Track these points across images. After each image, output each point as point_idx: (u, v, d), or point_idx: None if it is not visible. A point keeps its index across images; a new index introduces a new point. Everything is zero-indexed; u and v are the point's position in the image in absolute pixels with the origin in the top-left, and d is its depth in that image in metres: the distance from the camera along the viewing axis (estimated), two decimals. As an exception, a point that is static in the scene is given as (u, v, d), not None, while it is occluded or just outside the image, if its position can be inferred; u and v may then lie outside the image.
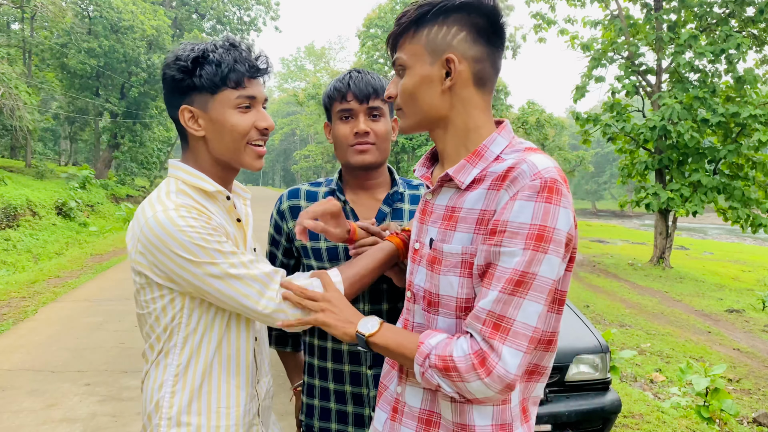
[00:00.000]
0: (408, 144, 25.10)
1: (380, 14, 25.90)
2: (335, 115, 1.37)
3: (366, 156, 1.33)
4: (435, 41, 0.96)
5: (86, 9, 22.34)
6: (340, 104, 1.34)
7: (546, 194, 0.86)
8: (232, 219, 1.18)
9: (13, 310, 5.99)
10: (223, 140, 1.10)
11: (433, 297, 0.99)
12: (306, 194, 1.43)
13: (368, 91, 1.32)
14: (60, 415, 3.50)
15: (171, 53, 1.12)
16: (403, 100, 1.01)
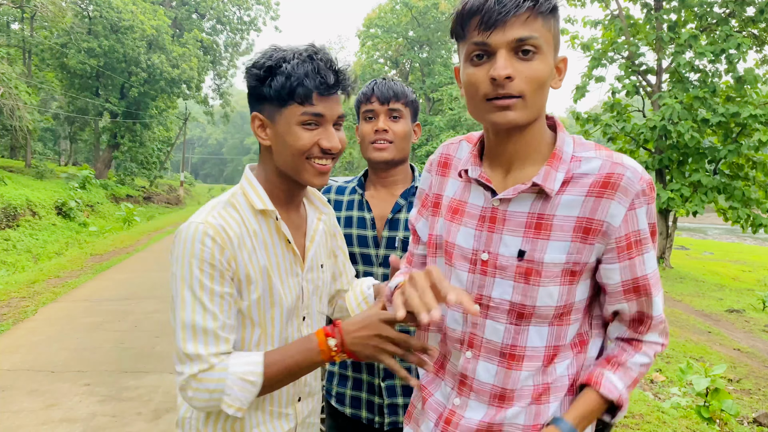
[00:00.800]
0: (408, 144, 25.16)
1: (380, 14, 25.91)
2: (361, 116, 1.54)
3: (384, 153, 1.48)
4: (557, 36, 0.92)
5: (86, 9, 22.34)
6: (365, 105, 1.52)
7: (651, 194, 0.91)
8: (279, 240, 1.13)
9: (13, 310, 5.99)
10: (284, 154, 1.08)
11: (527, 309, 0.94)
12: (337, 189, 1.63)
13: (389, 95, 1.48)
14: (60, 415, 3.50)
15: (255, 55, 1.10)
16: (531, 88, 0.88)
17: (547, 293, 0.93)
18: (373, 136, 1.49)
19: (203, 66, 28.21)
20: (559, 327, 0.95)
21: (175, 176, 45.33)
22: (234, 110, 35.98)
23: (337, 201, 1.60)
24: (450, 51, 28.31)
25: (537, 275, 0.92)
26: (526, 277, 0.93)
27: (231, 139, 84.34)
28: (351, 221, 1.54)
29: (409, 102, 1.52)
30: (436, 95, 25.07)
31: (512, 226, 0.95)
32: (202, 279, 1.02)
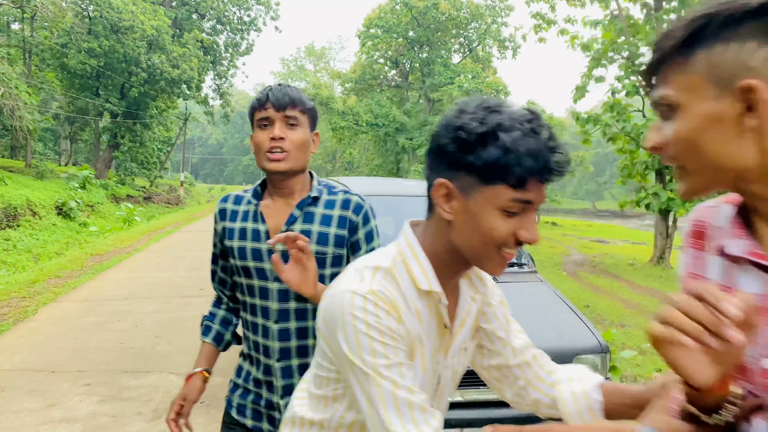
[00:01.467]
0: (408, 144, 25.11)
1: (380, 14, 25.92)
2: (255, 124, 1.45)
3: (280, 164, 1.41)
4: (721, 66, 0.68)
5: (86, 9, 22.35)
6: (260, 112, 1.43)
7: None
8: (438, 323, 0.96)
9: (13, 310, 5.99)
10: (470, 237, 0.89)
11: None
12: (234, 198, 1.56)
13: (286, 101, 1.41)
14: (60, 415, 3.50)
15: (457, 109, 0.89)
16: (679, 152, 0.72)
17: None
18: (268, 145, 1.41)
19: (203, 66, 28.22)
20: None
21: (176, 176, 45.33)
22: (234, 110, 35.99)
23: (233, 211, 1.51)
24: (450, 51, 28.31)
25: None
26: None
27: (231, 139, 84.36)
28: (245, 233, 1.46)
29: (307, 109, 1.45)
30: (436, 95, 25.08)
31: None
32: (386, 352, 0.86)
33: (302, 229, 1.43)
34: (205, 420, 3.47)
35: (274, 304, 1.43)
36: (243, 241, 1.46)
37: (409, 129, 25.34)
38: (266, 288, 1.44)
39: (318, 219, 1.45)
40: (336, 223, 1.46)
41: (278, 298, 1.42)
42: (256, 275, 1.45)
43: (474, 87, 24.36)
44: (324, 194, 1.50)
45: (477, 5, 26.36)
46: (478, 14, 26.46)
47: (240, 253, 1.45)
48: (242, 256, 1.45)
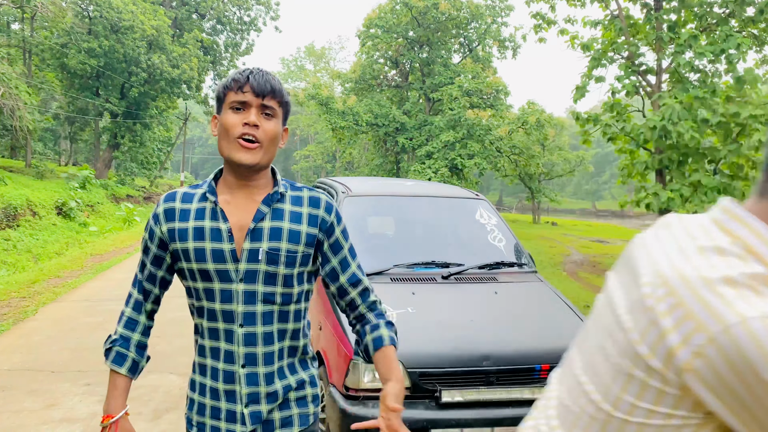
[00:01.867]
0: (408, 144, 25.11)
1: (380, 14, 25.91)
2: (227, 105, 1.32)
3: (252, 155, 1.30)
4: None
5: (86, 9, 22.35)
6: (235, 94, 1.30)
7: None
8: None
9: (13, 310, 5.99)
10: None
11: None
12: (182, 196, 1.39)
13: (266, 88, 1.29)
14: (60, 415, 3.50)
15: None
16: None
17: None
18: (240, 130, 1.28)
19: (203, 66, 28.22)
20: None
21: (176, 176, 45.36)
22: (234, 110, 35.94)
23: (183, 210, 1.36)
24: (450, 51, 28.31)
25: None
26: None
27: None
28: (202, 233, 1.32)
29: (284, 102, 1.34)
30: (436, 95, 25.08)
31: None
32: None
33: (272, 226, 1.34)
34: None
35: (239, 306, 1.33)
36: (200, 242, 1.33)
37: (409, 129, 25.34)
38: (229, 291, 1.32)
39: (287, 216, 1.37)
40: (306, 221, 1.38)
41: (244, 301, 1.33)
42: (218, 278, 1.32)
43: (474, 87, 24.36)
44: (288, 190, 1.41)
45: (477, 5, 26.36)
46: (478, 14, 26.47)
47: (198, 255, 1.32)
48: (200, 258, 1.32)
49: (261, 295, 1.33)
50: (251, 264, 1.32)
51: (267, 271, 1.33)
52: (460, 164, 22.18)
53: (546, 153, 27.83)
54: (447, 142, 22.69)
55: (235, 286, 1.32)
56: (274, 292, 1.34)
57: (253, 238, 1.33)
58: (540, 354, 2.76)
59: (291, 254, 1.34)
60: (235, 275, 1.32)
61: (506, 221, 4.06)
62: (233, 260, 1.32)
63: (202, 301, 1.36)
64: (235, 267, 1.32)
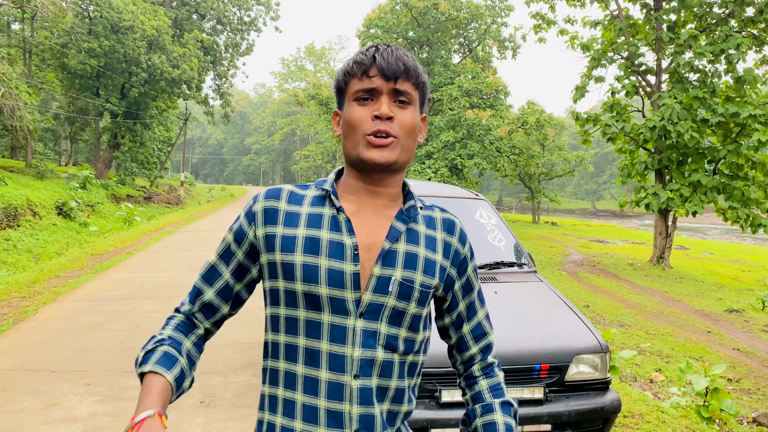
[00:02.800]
0: (408, 144, 25.09)
1: (380, 14, 25.91)
2: (350, 97, 1.05)
3: (385, 152, 1.01)
4: None
5: (86, 9, 22.35)
6: (360, 81, 1.03)
7: None
8: None
9: (14, 310, 6.00)
10: None
11: None
12: (289, 195, 1.10)
13: (398, 68, 1.02)
14: (60, 415, 3.50)
15: None
16: None
17: None
18: (371, 125, 1.01)
19: (203, 66, 28.22)
20: None
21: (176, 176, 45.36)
22: (234, 110, 35.98)
23: (291, 214, 1.06)
24: (449, 51, 28.30)
25: None
26: None
27: (231, 139, 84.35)
28: (317, 246, 1.02)
29: (420, 83, 1.06)
30: (436, 95, 25.06)
31: None
32: None
33: (408, 250, 1.05)
34: (204, 420, 3.48)
35: (355, 350, 1.00)
36: (313, 257, 1.01)
37: (409, 129, 25.30)
38: (343, 327, 1.00)
39: (423, 240, 1.08)
40: (441, 250, 1.10)
41: (362, 343, 1.00)
42: (330, 307, 1.00)
43: (474, 87, 24.35)
44: (419, 203, 1.13)
45: (477, 5, 26.36)
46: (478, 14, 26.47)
47: (307, 274, 1.01)
48: (310, 278, 1.01)
49: (383, 337, 1.02)
50: (378, 296, 1.02)
51: (395, 307, 1.03)
52: (459, 164, 22.18)
53: (546, 153, 27.83)
54: (447, 142, 22.69)
55: (351, 321, 1.01)
56: (397, 336, 1.04)
57: (386, 262, 1.03)
58: (539, 354, 2.76)
59: (425, 289, 1.06)
60: (354, 308, 1.01)
61: (506, 221, 4.06)
62: (354, 287, 1.01)
63: (297, 337, 1.02)
64: (354, 296, 1.01)
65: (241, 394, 3.88)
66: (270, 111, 69.89)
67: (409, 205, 1.09)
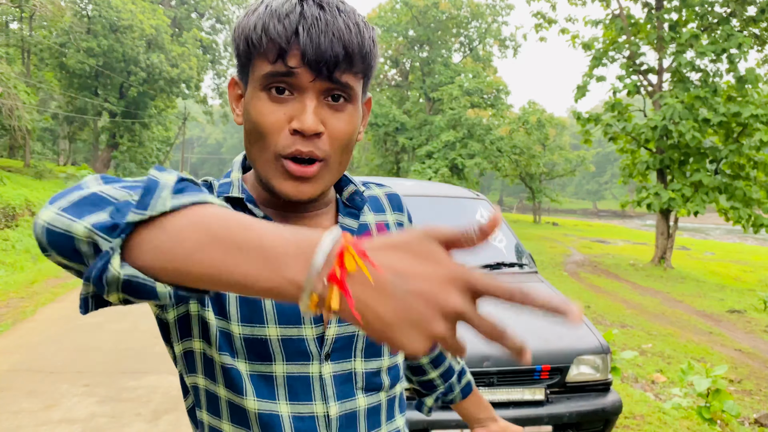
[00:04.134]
0: (408, 144, 25.09)
1: (380, 13, 25.89)
2: (257, 80, 0.69)
3: (306, 186, 0.70)
4: None
5: (85, 8, 22.35)
6: (272, 65, 0.66)
7: None
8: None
9: (12, 311, 5.98)
10: None
11: None
12: None
13: (334, 54, 0.65)
14: (59, 416, 3.48)
15: None
16: None
17: None
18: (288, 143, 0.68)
19: (202, 65, 28.22)
20: None
21: (175, 176, 45.30)
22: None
23: None
24: (450, 50, 28.26)
25: None
26: None
27: (230, 138, 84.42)
28: None
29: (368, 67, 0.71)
30: (437, 95, 25.04)
31: None
32: None
33: None
34: (204, 421, 3.45)
35: (330, 406, 0.74)
36: None
37: (409, 129, 25.29)
38: (306, 377, 0.73)
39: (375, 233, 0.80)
40: None
41: (336, 394, 0.74)
42: (283, 354, 0.72)
43: (474, 86, 24.32)
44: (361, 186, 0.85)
45: (477, 4, 26.34)
46: (479, 13, 26.44)
47: (245, 310, 0.71)
48: (250, 315, 0.72)
49: (362, 378, 0.77)
50: (343, 325, 0.75)
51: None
52: (460, 164, 22.17)
53: (547, 153, 27.82)
54: (447, 142, 22.68)
55: (315, 368, 0.73)
56: (379, 369, 0.79)
57: None
58: (540, 355, 2.74)
59: None
60: (317, 348, 0.74)
61: (507, 221, 4.04)
62: (314, 320, 0.74)
63: (243, 399, 0.72)
64: (316, 333, 0.74)
65: (241, 395, 3.86)
66: (270, 110, 69.80)
67: (350, 192, 0.80)
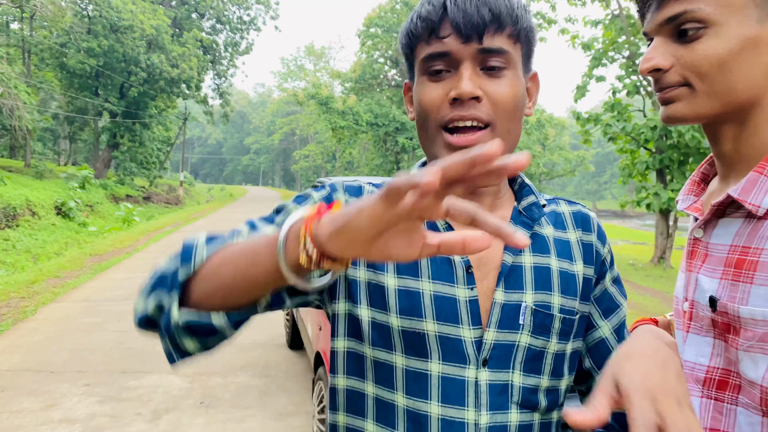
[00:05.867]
0: (408, 144, 25.10)
1: (380, 14, 25.90)
2: (420, 68, 0.73)
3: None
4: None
5: (85, 8, 22.34)
6: (428, 45, 0.71)
7: None
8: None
9: (13, 311, 5.97)
10: None
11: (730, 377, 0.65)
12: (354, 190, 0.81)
13: (482, 18, 0.68)
14: (59, 416, 3.48)
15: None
16: (698, 72, 0.65)
17: (751, 361, 0.62)
18: (445, 113, 0.71)
19: (203, 65, 28.21)
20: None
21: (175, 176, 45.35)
22: (233, 110, 35.97)
23: None
24: (450, 51, 28.29)
25: (735, 333, 0.64)
26: (724, 334, 0.65)
27: (230, 138, 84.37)
28: (415, 263, 0.73)
29: (523, 30, 0.72)
30: (436, 95, 25.08)
31: (710, 264, 0.68)
32: None
33: (536, 263, 0.76)
34: (204, 420, 3.46)
35: (481, 415, 0.70)
36: (413, 279, 0.72)
37: (409, 129, 25.32)
38: (461, 381, 0.70)
39: (553, 246, 0.78)
40: (581, 255, 0.80)
41: (490, 403, 0.70)
42: (440, 352, 0.70)
43: (474, 87, 24.34)
44: (542, 199, 0.82)
45: (477, 5, 26.41)
46: (478, 14, 26.49)
47: (405, 303, 0.71)
48: (410, 309, 0.71)
49: (518, 392, 0.72)
50: (506, 332, 0.71)
51: (531, 346, 0.73)
52: (460, 164, 22.21)
53: (547, 153, 27.82)
54: (447, 142, 22.71)
55: (472, 372, 0.70)
56: (537, 387, 0.73)
57: (510, 283, 0.73)
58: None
59: (568, 315, 0.75)
60: (475, 352, 0.70)
61: (508, 221, 4.03)
62: (472, 321, 0.70)
63: (394, 394, 0.71)
64: (474, 335, 0.70)
65: (241, 395, 3.87)
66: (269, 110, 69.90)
67: (528, 202, 0.78)
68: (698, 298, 0.69)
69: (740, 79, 0.64)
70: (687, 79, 0.66)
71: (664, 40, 0.67)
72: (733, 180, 0.70)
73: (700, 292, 0.69)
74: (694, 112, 0.67)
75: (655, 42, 0.68)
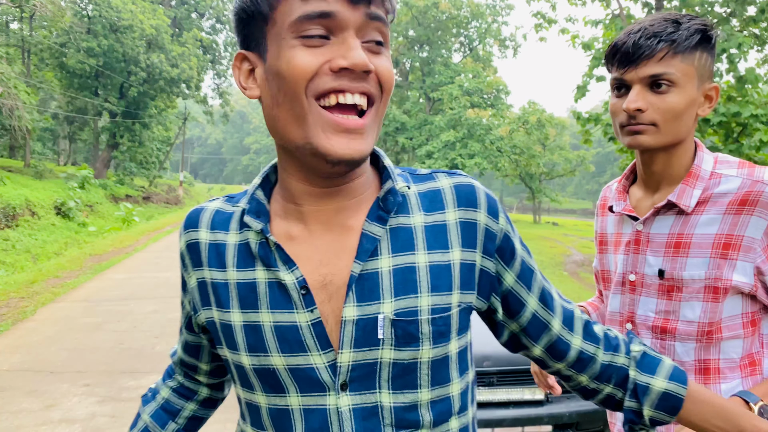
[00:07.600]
0: (408, 144, 25.10)
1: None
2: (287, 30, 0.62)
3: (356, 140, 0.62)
4: (704, 67, 0.99)
5: (85, 8, 22.34)
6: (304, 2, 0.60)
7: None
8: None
9: (12, 311, 5.97)
10: None
11: (671, 324, 1.02)
12: (212, 218, 0.72)
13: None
14: (59, 416, 3.48)
15: None
16: (664, 118, 0.98)
17: (690, 308, 0.99)
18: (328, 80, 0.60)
19: (203, 65, 28.22)
20: (707, 344, 0.99)
21: (175, 176, 45.33)
22: (233, 110, 35.95)
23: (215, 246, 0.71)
24: (450, 50, 28.27)
25: (678, 291, 1.00)
26: (669, 293, 1.01)
27: (230, 138, 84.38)
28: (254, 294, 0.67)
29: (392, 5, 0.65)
30: (437, 95, 25.05)
31: (654, 248, 1.03)
32: None
33: (396, 266, 0.66)
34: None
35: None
36: (254, 312, 0.66)
37: (409, 129, 25.31)
38: (323, 411, 0.65)
39: (420, 236, 0.68)
40: (459, 239, 0.68)
41: (357, 430, 0.65)
42: (296, 385, 0.66)
43: (474, 86, 24.33)
44: (411, 183, 0.71)
45: (477, 4, 26.36)
46: (479, 13, 26.46)
47: (251, 339, 0.66)
48: (256, 345, 0.66)
49: (390, 413, 0.65)
50: (362, 351, 0.64)
51: (397, 361, 0.65)
52: (460, 164, 22.17)
53: (547, 152, 27.82)
54: (447, 142, 22.69)
55: (332, 399, 0.65)
56: (416, 403, 0.66)
57: (362, 295, 0.64)
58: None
59: (442, 315, 0.66)
60: (330, 377, 0.65)
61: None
62: (321, 346, 0.64)
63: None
64: (327, 360, 0.65)
65: (241, 395, 3.86)
66: (270, 110, 69.69)
67: (385, 190, 0.67)
68: (647, 271, 1.04)
69: (684, 124, 0.99)
70: (655, 121, 0.98)
71: (643, 89, 0.99)
72: (663, 190, 1.04)
73: (648, 266, 1.04)
74: (655, 143, 0.99)
75: (637, 90, 0.99)
